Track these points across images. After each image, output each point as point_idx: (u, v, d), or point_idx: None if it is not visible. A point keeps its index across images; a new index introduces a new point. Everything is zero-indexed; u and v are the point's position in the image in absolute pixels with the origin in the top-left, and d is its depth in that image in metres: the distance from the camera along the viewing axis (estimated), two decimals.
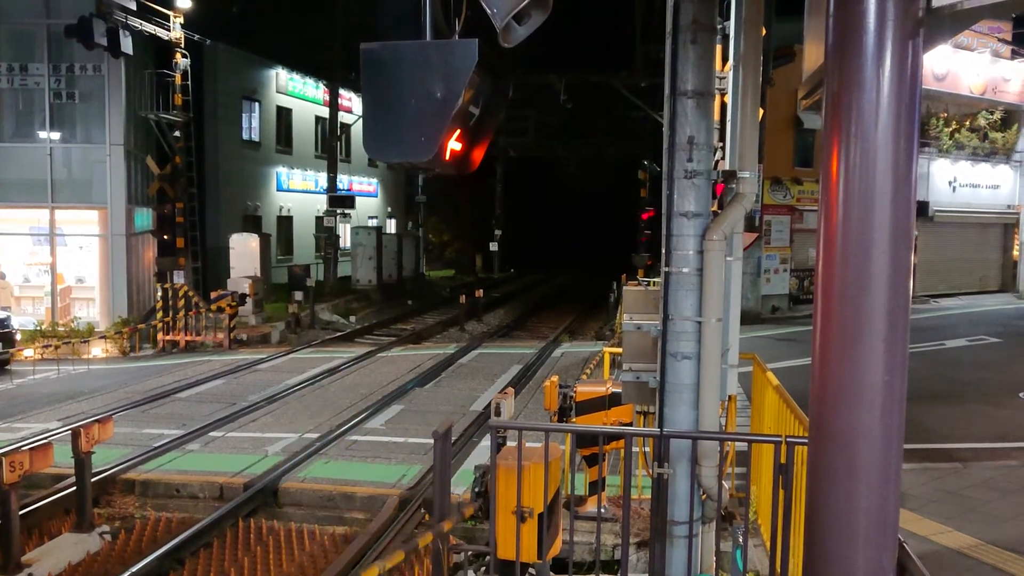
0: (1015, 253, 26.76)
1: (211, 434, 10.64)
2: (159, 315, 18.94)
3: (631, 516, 5.26)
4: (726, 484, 5.88)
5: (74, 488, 7.80)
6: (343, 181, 32.02)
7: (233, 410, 11.85)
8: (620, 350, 5.96)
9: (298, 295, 22.27)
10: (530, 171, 47.88)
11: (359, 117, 27.48)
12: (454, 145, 3.45)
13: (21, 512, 7.09)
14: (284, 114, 30.92)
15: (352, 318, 24.13)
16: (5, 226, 20.20)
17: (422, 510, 8.03)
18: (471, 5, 3.35)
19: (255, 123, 29.14)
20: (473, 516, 6.88)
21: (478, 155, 3.74)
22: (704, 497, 4.90)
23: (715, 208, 5.01)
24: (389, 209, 40.66)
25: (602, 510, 6.54)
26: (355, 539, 7.34)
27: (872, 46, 2.28)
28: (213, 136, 26.25)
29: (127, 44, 17.71)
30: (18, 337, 16.34)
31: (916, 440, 8.83)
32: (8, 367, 15.60)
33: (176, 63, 20.09)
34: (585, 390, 6.75)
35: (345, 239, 30.77)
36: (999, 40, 24.33)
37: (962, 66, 23.74)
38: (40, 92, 19.60)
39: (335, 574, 6.56)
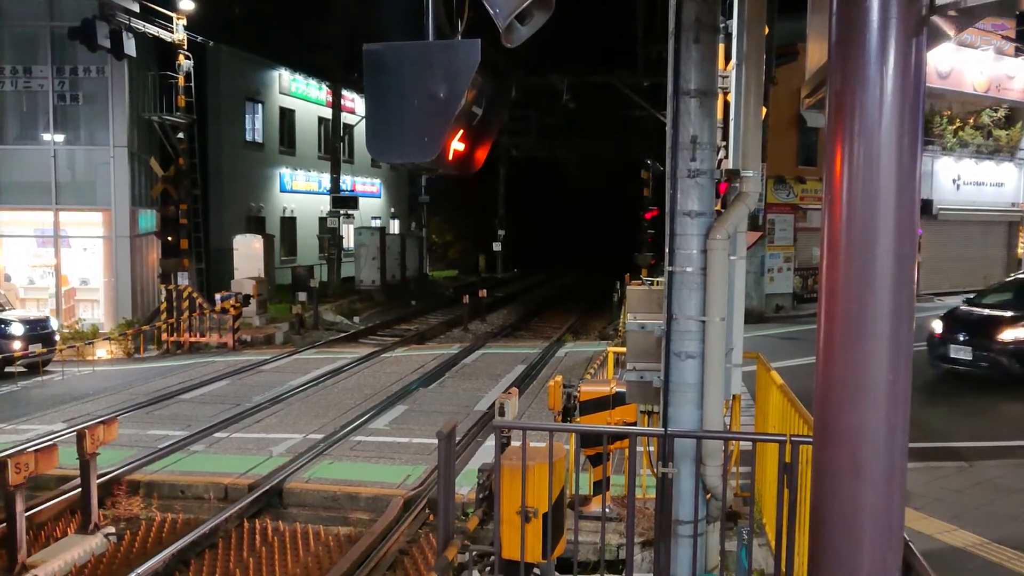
0: (1019, 251, 26.70)
1: (216, 435, 10.66)
2: (163, 316, 18.98)
3: (636, 515, 5.25)
4: (731, 483, 5.88)
5: (79, 489, 7.81)
6: (346, 182, 32.05)
7: (237, 411, 11.86)
8: (624, 350, 5.95)
9: (302, 296, 22.29)
10: (533, 171, 47.89)
11: (362, 118, 27.46)
12: (457, 145, 3.45)
13: (26, 514, 7.11)
14: (287, 115, 30.95)
15: (356, 319, 24.15)
16: (9, 228, 20.25)
17: (427, 510, 8.03)
18: (473, 5, 3.35)
19: (258, 124, 29.18)
20: (480, 521, 6.87)
21: (481, 155, 3.74)
22: (708, 496, 4.90)
23: (718, 207, 5.01)
24: (392, 210, 40.68)
25: (606, 510, 6.53)
26: (360, 540, 7.34)
27: (875, 44, 2.27)
28: (216, 137, 26.28)
29: (130, 46, 17.75)
30: (57, 338, 16.38)
31: (921, 439, 8.81)
32: (47, 367, 15.60)
33: (179, 65, 20.11)
34: (589, 390, 6.75)
35: (348, 240, 30.79)
36: (1003, 37, 24.27)
37: (966, 64, 23.68)
38: (44, 94, 19.64)
39: (340, 575, 6.56)
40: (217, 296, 19.21)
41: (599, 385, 6.81)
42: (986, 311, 12.44)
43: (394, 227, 39.03)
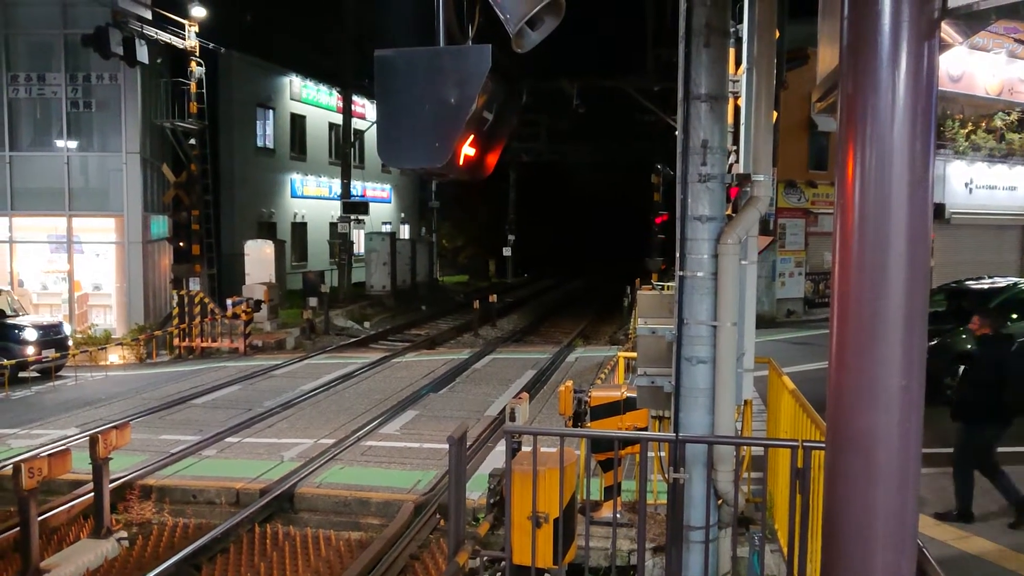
0: None
1: (227, 440, 10.69)
2: (175, 322, 19.06)
3: (647, 521, 5.24)
4: (742, 489, 5.85)
5: (92, 494, 7.85)
6: (357, 187, 32.14)
7: (249, 416, 11.90)
8: (635, 354, 5.94)
9: (313, 301, 22.36)
10: (543, 176, 47.90)
11: (373, 123, 27.55)
12: (468, 151, 3.46)
13: (40, 518, 7.14)
14: (298, 121, 31.09)
15: (366, 324, 24.19)
16: (23, 234, 20.40)
17: (437, 515, 8.03)
18: (484, 11, 3.36)
19: (269, 130, 29.33)
20: (491, 527, 6.86)
21: (492, 160, 3.75)
22: (720, 502, 4.88)
23: (729, 212, 5.00)
24: (403, 215, 40.77)
25: (618, 515, 6.51)
26: (371, 545, 7.35)
27: (887, 47, 2.27)
28: (228, 143, 26.43)
29: (143, 53, 17.89)
30: (70, 343, 16.47)
31: (934, 444, 8.73)
32: (60, 372, 15.68)
33: (191, 71, 20.25)
34: (600, 395, 6.73)
35: (359, 245, 30.88)
36: (1015, 40, 24.12)
37: (978, 67, 23.54)
38: (57, 101, 19.81)
39: None
40: (229, 301, 19.30)
41: (610, 390, 6.79)
42: None
43: (404, 232, 39.11)
